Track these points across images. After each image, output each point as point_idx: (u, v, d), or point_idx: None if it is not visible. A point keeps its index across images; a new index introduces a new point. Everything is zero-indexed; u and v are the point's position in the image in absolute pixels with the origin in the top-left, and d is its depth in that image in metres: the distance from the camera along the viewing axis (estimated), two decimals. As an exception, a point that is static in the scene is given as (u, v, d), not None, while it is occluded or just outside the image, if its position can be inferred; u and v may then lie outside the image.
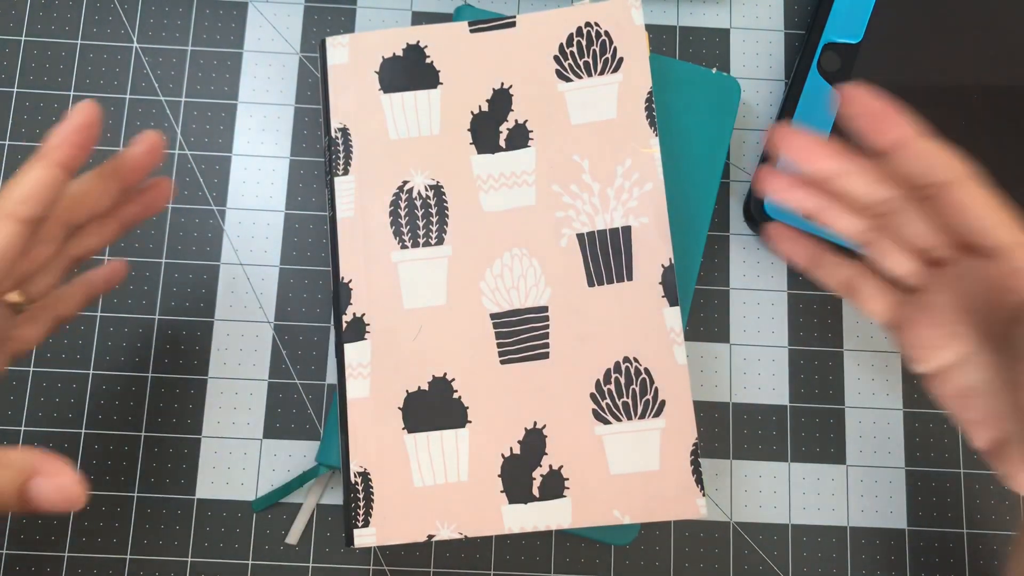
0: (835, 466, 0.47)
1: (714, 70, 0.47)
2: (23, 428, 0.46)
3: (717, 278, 0.49)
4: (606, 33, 0.45)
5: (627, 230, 0.44)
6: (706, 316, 0.48)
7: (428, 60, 0.44)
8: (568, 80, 0.45)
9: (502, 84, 0.45)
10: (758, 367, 0.48)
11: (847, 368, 0.48)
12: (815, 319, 0.49)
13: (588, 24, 0.45)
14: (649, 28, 0.51)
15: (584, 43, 0.45)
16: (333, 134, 0.44)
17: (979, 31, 0.50)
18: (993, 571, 0.46)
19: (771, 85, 0.51)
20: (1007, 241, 0.34)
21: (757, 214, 0.47)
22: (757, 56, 0.51)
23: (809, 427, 0.47)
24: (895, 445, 0.47)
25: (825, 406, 0.48)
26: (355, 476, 0.41)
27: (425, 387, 0.43)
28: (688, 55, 0.51)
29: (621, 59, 0.45)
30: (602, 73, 0.45)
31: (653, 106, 0.45)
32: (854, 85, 0.37)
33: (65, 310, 0.41)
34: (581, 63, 0.45)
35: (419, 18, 0.51)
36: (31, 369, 0.47)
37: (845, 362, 0.48)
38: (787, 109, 0.48)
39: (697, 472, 0.42)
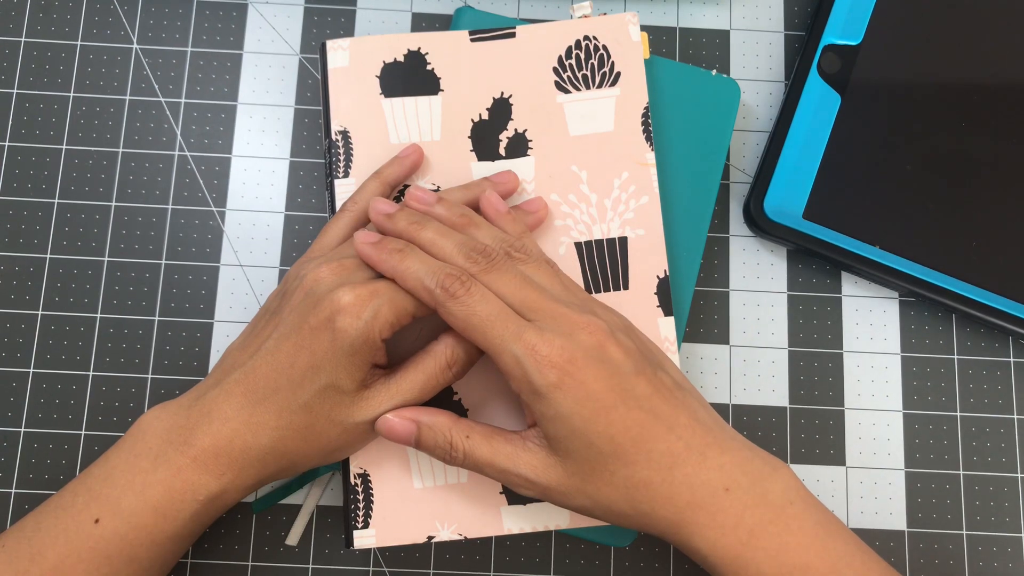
0: (835, 467, 0.47)
1: (714, 71, 0.47)
2: (23, 429, 0.46)
3: (717, 279, 0.49)
4: (604, 47, 0.45)
5: (623, 241, 0.44)
6: (706, 317, 0.48)
7: (429, 67, 0.44)
8: (567, 92, 0.45)
9: (502, 93, 0.45)
10: (758, 368, 0.48)
11: (847, 369, 0.48)
12: (815, 320, 0.49)
13: (587, 38, 0.45)
14: (649, 29, 0.51)
15: (583, 56, 0.45)
16: (334, 137, 0.44)
17: (979, 31, 0.50)
18: (993, 572, 0.46)
19: (771, 87, 0.51)
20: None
21: (757, 215, 0.47)
22: (757, 57, 0.51)
23: (809, 428, 0.47)
24: (894, 447, 0.47)
25: (825, 407, 0.48)
26: (355, 477, 0.42)
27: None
28: (688, 56, 0.51)
29: (619, 73, 0.45)
30: (600, 86, 0.45)
31: (650, 121, 0.45)
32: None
33: None
34: (579, 75, 0.45)
35: (419, 19, 0.51)
36: (31, 369, 0.47)
37: (845, 363, 0.48)
38: (787, 111, 0.48)
39: None
